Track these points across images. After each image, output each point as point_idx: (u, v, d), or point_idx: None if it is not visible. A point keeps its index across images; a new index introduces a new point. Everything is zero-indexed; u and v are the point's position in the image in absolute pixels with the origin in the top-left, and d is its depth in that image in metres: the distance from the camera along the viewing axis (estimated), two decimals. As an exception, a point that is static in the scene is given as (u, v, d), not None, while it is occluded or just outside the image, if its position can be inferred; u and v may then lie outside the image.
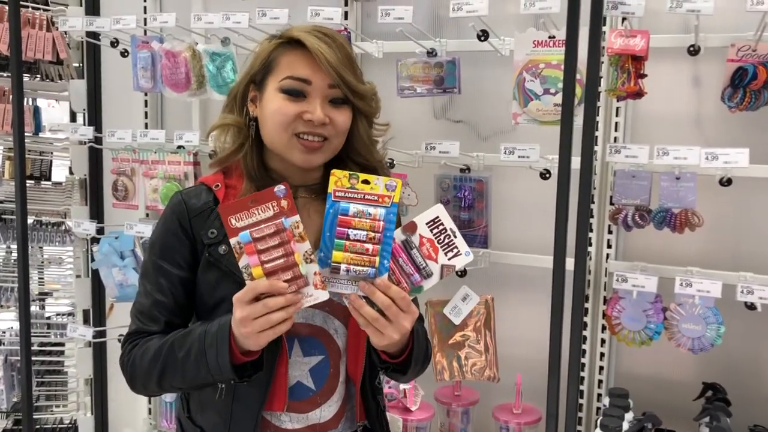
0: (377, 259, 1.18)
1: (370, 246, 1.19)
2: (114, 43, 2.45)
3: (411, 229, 1.23)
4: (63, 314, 3.56)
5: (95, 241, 2.65)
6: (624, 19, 2.01)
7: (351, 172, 1.24)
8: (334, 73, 1.31)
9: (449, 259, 1.22)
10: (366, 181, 1.22)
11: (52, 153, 3.57)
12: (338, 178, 1.22)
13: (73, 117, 3.24)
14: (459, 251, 1.22)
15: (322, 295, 1.20)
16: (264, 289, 1.19)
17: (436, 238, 1.23)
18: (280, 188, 1.21)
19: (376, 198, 1.21)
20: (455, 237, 1.23)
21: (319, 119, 1.32)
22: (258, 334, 1.20)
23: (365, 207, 1.21)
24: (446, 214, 1.23)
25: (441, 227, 1.23)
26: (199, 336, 1.29)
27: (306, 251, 1.20)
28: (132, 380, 1.40)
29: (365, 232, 1.20)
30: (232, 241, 1.20)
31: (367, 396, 1.46)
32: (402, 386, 2.20)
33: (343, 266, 1.19)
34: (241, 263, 1.20)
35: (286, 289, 1.19)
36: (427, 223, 1.23)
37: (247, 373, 1.29)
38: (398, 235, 1.23)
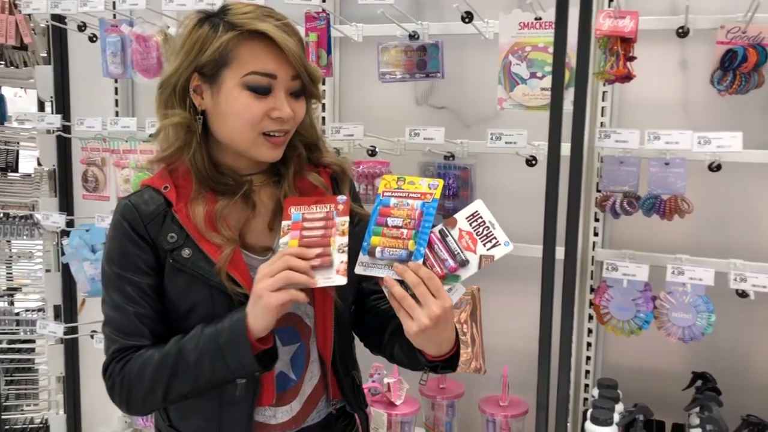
0: (411, 242, 1.23)
1: (405, 230, 1.24)
2: (81, 27, 2.34)
3: (451, 224, 1.26)
4: (33, 310, 3.44)
5: (65, 234, 2.55)
6: (611, 0, 1.98)
7: (399, 176, 1.31)
8: (300, 66, 1.26)
9: (488, 249, 1.23)
10: (412, 182, 1.30)
11: (18, 143, 3.44)
12: (387, 182, 1.30)
13: (41, 107, 3.13)
14: (498, 241, 1.23)
15: (340, 280, 1.23)
16: (292, 253, 1.22)
17: (474, 230, 1.24)
18: (342, 197, 1.30)
19: (419, 195, 1.27)
20: (494, 228, 1.24)
21: (288, 116, 1.27)
22: (271, 294, 1.18)
23: (405, 199, 1.28)
24: (485, 208, 1.26)
25: (480, 220, 1.25)
26: (211, 336, 1.23)
27: (342, 243, 1.25)
28: (129, 398, 1.29)
29: (402, 219, 1.25)
30: (284, 222, 1.28)
31: (338, 372, 1.42)
32: (386, 380, 2.15)
33: (378, 249, 1.23)
34: (282, 240, 1.27)
35: (310, 255, 1.22)
36: (466, 218, 1.26)
37: (268, 361, 1.26)
38: (436, 227, 1.28)
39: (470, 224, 1.24)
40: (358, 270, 1.25)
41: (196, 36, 1.26)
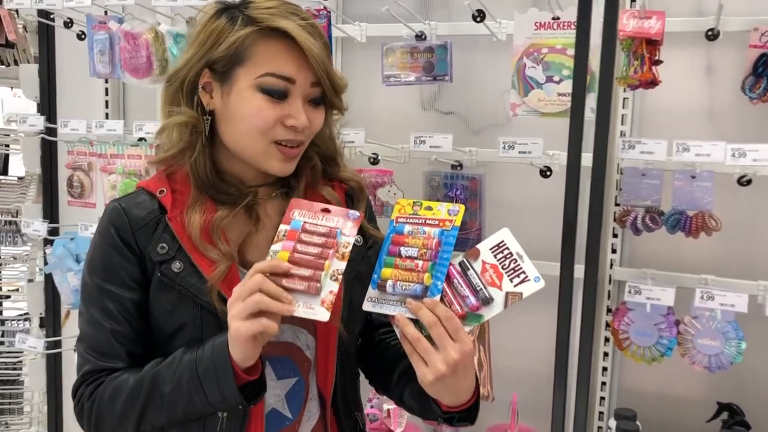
0: (426, 275, 1.08)
1: (420, 262, 1.09)
2: (68, 24, 2.21)
3: (473, 256, 1.11)
4: (15, 319, 3.29)
5: (48, 242, 2.41)
6: (633, 0, 1.85)
7: (415, 200, 1.17)
8: (322, 71, 1.13)
9: (515, 285, 1.08)
10: (429, 208, 1.17)
11: (8, 146, 3.31)
12: (402, 206, 1.18)
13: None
14: (527, 276, 1.08)
15: (322, 314, 1.06)
16: (264, 269, 1.04)
17: (500, 263, 1.09)
18: (354, 213, 1.14)
19: (437, 222, 1.14)
20: (522, 261, 1.09)
21: (303, 125, 1.14)
22: (241, 322, 1.02)
23: (421, 226, 1.14)
24: (512, 238, 1.11)
25: (506, 251, 1.10)
26: (189, 364, 1.09)
27: (337, 270, 1.09)
28: (98, 426, 1.16)
29: (417, 249, 1.10)
30: (282, 227, 1.12)
31: (339, 413, 1.28)
32: (386, 406, 2.00)
33: (389, 282, 1.08)
34: (274, 247, 1.10)
35: (287, 269, 1.05)
36: (491, 249, 1.11)
37: (252, 394, 1.11)
38: (455, 258, 1.13)
39: (495, 256, 1.09)
40: (367, 307, 1.10)
41: (211, 28, 1.14)
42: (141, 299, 1.17)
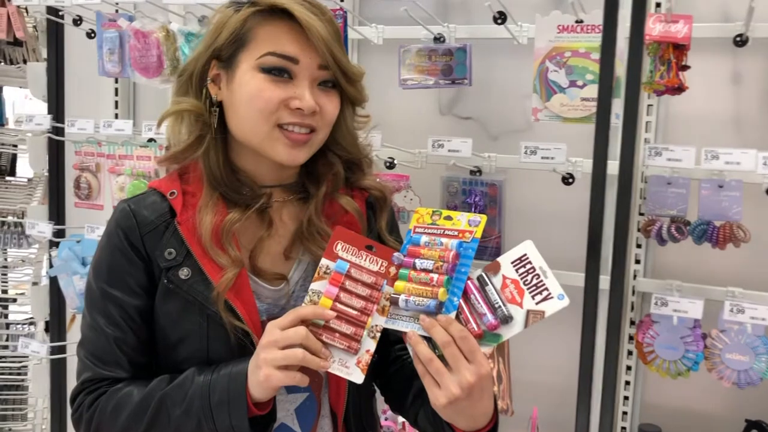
0: (442, 290, 1.02)
1: (435, 275, 1.03)
2: (77, 21, 2.16)
3: (493, 270, 1.05)
4: (20, 323, 3.24)
5: (54, 244, 2.36)
6: (658, 4, 1.80)
7: (434, 209, 1.13)
8: (327, 52, 1.08)
9: (537, 303, 1.01)
10: (449, 217, 1.12)
11: (16, 146, 3.27)
12: (420, 215, 1.13)
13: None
14: (550, 294, 1.01)
15: (356, 376, 1.04)
16: (308, 315, 1.03)
17: (522, 278, 1.02)
18: (399, 256, 1.09)
19: (456, 233, 1.08)
20: (546, 277, 1.02)
21: (309, 107, 1.08)
22: (273, 371, 0.99)
23: (439, 237, 1.08)
24: (535, 252, 1.04)
25: (528, 266, 1.03)
26: (202, 389, 1.05)
27: (376, 326, 1.06)
28: None
29: (432, 262, 1.04)
30: (324, 261, 1.09)
31: (351, 431, 1.22)
32: (400, 419, 1.94)
33: (402, 297, 1.04)
34: (314, 286, 1.08)
35: (330, 319, 1.04)
36: (512, 262, 1.04)
37: (261, 424, 1.07)
38: (474, 271, 1.07)
39: (517, 270, 1.03)
40: (379, 321, 1.05)
41: (219, 21, 1.12)
42: (146, 306, 1.13)
